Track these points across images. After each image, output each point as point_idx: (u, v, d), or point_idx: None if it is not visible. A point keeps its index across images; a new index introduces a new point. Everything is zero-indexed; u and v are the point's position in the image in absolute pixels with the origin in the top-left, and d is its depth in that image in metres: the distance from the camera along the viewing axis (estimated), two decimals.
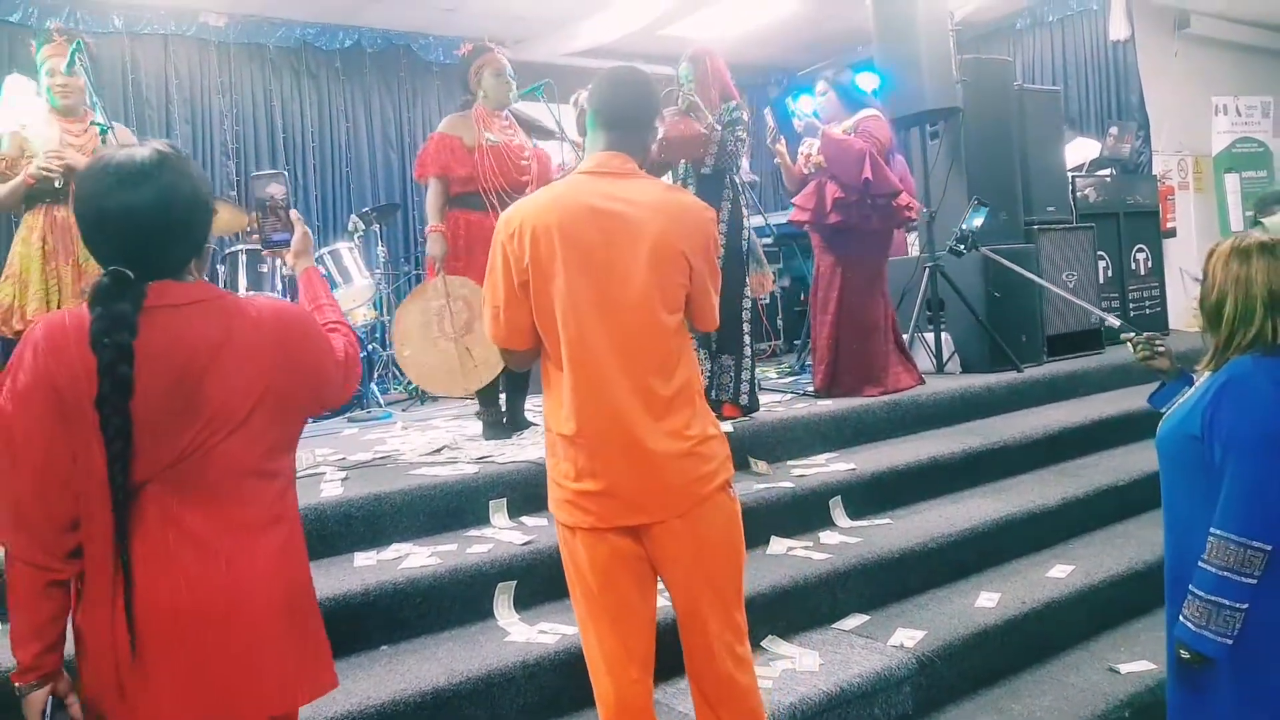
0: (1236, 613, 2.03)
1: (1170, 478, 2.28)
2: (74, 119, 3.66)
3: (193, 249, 1.61)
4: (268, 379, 1.60)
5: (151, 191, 1.53)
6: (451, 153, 4.07)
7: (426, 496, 3.31)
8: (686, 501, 2.04)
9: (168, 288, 1.55)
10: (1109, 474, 4.21)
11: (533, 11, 7.86)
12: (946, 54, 5.41)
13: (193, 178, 1.60)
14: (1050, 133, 6.57)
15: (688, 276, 2.08)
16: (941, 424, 4.66)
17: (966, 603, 3.28)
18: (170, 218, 1.55)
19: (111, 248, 1.54)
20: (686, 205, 2.15)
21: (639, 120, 2.18)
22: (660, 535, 2.05)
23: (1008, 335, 5.45)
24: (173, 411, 1.52)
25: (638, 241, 2.03)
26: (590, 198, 2.06)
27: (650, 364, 2.04)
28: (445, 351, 4.00)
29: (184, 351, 1.53)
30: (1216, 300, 2.15)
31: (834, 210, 4.80)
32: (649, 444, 2.01)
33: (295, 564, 1.69)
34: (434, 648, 2.72)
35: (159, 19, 7.27)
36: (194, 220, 1.59)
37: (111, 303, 1.48)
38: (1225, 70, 9.35)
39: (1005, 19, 9.11)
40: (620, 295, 2.02)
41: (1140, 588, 3.55)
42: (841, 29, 8.60)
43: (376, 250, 6.99)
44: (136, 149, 1.57)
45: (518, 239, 2.05)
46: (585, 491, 2.04)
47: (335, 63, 8.07)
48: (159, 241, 1.55)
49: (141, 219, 1.53)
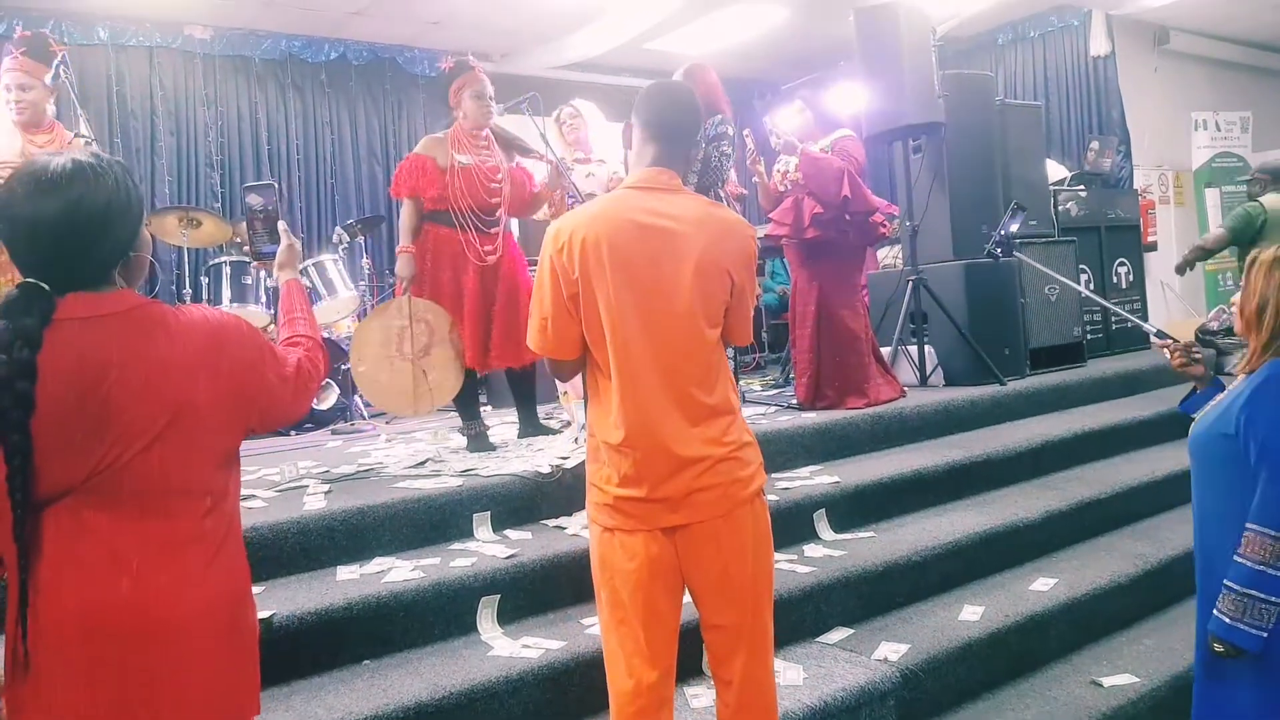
0: (1272, 606, 2.09)
1: (1202, 475, 2.34)
2: (38, 129, 3.64)
3: (108, 260, 1.56)
4: (186, 393, 1.54)
5: (59, 201, 1.49)
6: (423, 173, 4.10)
7: (410, 509, 3.29)
8: (727, 503, 2.07)
9: (81, 299, 1.51)
10: (1092, 487, 4.23)
11: (519, 25, 7.89)
12: (929, 69, 5.45)
13: (109, 188, 1.54)
14: (1032, 147, 6.62)
15: (729, 291, 2.12)
16: (925, 437, 4.67)
17: (950, 616, 3.28)
18: (79, 228, 1.51)
19: (25, 258, 1.52)
20: (729, 222, 2.18)
21: (684, 135, 2.21)
22: (699, 536, 2.07)
23: (990, 348, 5.47)
24: (82, 426, 1.48)
25: (683, 257, 2.06)
26: (637, 214, 2.09)
27: (693, 375, 2.08)
28: (400, 371, 4.01)
29: (92, 365, 1.49)
30: (1259, 305, 2.23)
31: (812, 225, 4.84)
32: (691, 450, 2.05)
33: (222, 584, 1.61)
34: (417, 662, 2.71)
35: (144, 31, 7.27)
36: (107, 231, 1.54)
37: (16, 317, 1.45)
38: (1205, 86, 9.46)
39: (987, 34, 9.20)
40: (665, 309, 2.05)
41: (1123, 600, 3.57)
42: (825, 44, 8.66)
43: (361, 262, 6.99)
44: (55, 158, 1.54)
45: (567, 253, 2.07)
46: (628, 498, 2.07)
47: (320, 75, 8.07)
48: (68, 252, 1.51)
49: (49, 229, 1.49)
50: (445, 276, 4.13)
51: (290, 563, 3.04)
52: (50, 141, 3.65)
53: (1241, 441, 2.17)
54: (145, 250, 1.66)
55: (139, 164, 7.26)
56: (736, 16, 8.03)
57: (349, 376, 6.13)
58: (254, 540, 3.00)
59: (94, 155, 1.57)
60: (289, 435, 5.71)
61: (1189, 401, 2.55)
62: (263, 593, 2.85)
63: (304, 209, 7.98)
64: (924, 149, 5.90)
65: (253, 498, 3.47)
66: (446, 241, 4.12)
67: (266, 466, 4.17)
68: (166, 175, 7.38)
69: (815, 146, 4.92)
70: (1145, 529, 4.11)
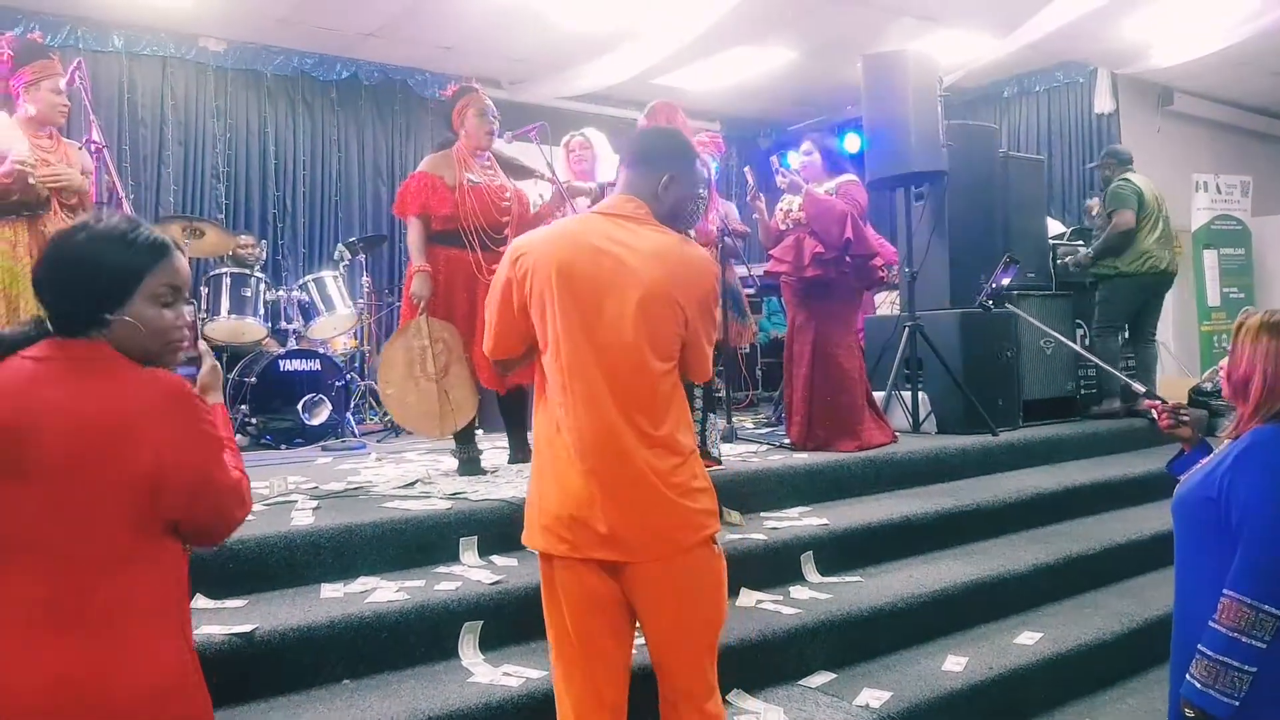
0: (1244, 675, 2.06)
1: (1184, 539, 2.33)
2: (41, 134, 3.65)
3: (76, 310, 1.56)
4: (122, 456, 1.49)
5: (51, 245, 1.63)
6: (433, 191, 4.09)
7: (397, 530, 3.28)
8: (667, 547, 2.03)
9: (53, 341, 1.56)
10: (1080, 542, 4.22)
11: (530, 54, 7.96)
12: (934, 118, 5.50)
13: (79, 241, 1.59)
14: (1033, 201, 6.66)
15: (683, 326, 2.11)
16: (915, 483, 4.67)
17: (933, 665, 3.26)
18: (55, 271, 1.59)
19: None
20: (688, 257, 2.16)
21: (653, 163, 2.21)
22: (637, 578, 2.04)
23: (984, 398, 5.49)
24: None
25: (630, 286, 2.06)
26: (595, 238, 2.11)
27: (639, 404, 2.06)
28: (425, 392, 4.01)
29: (15, 401, 1.49)
30: (1245, 373, 2.22)
31: (812, 265, 4.86)
32: (636, 469, 2.02)
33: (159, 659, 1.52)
34: (397, 685, 2.69)
35: (158, 41, 7.33)
36: (75, 283, 1.57)
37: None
38: (1206, 148, 9.57)
39: (993, 86, 9.30)
40: (610, 336, 2.06)
41: (1108, 659, 3.55)
42: (831, 87, 8.75)
43: (360, 280, 6.99)
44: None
45: (520, 266, 2.13)
46: (566, 517, 2.04)
47: (331, 93, 8.13)
48: (47, 293, 1.59)
49: (43, 268, 1.61)
50: (459, 297, 4.13)
51: (275, 577, 3.03)
52: (55, 147, 3.66)
53: (1223, 506, 2.16)
54: (144, 324, 1.58)
55: (146, 171, 7.30)
56: (746, 56, 8.12)
57: (341, 393, 6.13)
58: (240, 554, 2.99)
59: (95, 217, 1.64)
60: (279, 449, 5.70)
61: (1177, 463, 2.54)
62: (246, 607, 2.84)
63: (307, 224, 8.02)
64: (926, 197, 5.94)
65: None
66: (457, 262, 4.12)
67: (256, 480, 4.14)
68: (172, 184, 7.41)
69: (820, 188, 4.96)
70: (1132, 588, 4.10)
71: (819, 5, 7.00)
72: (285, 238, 7.88)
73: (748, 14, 6.80)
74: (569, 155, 5.22)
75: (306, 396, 5.91)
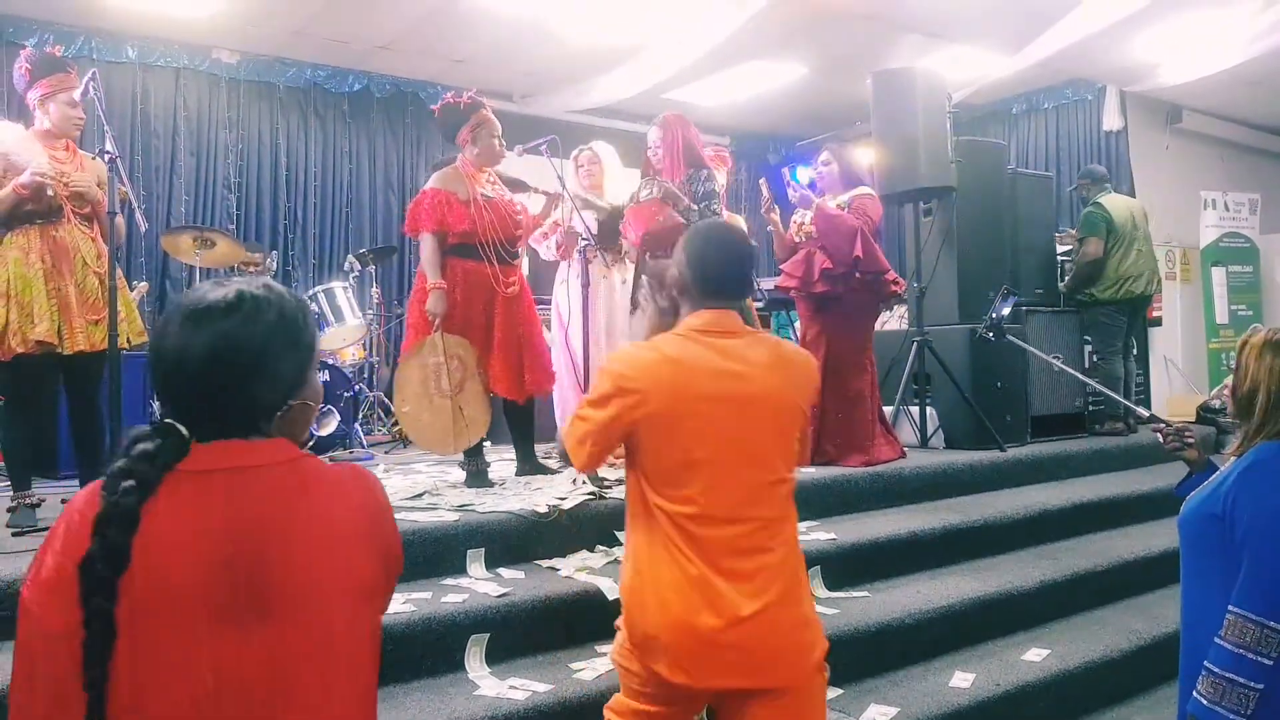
0: (1251, 692, 2.06)
1: (1190, 557, 2.34)
2: (57, 145, 3.67)
3: (261, 405, 1.30)
4: (351, 565, 1.28)
5: (208, 335, 1.26)
6: (449, 207, 4.09)
7: (404, 541, 3.22)
8: (798, 672, 2.00)
9: (230, 448, 1.26)
10: (1088, 558, 4.21)
11: (541, 67, 8.00)
12: (943, 134, 5.52)
13: (268, 324, 1.30)
14: (1041, 217, 6.68)
15: (801, 428, 2.15)
16: (923, 499, 4.66)
17: (941, 681, 3.25)
18: (227, 367, 1.27)
19: (170, 396, 1.29)
20: (794, 359, 2.18)
21: (744, 281, 2.22)
22: (756, 710, 1.97)
23: (993, 413, 5.48)
24: (230, 601, 1.18)
25: (759, 403, 2.06)
26: (708, 359, 2.06)
27: (762, 522, 2.03)
28: (440, 409, 4.02)
29: (245, 524, 1.21)
30: (1249, 390, 2.23)
31: (821, 280, 4.85)
32: (761, 603, 1.96)
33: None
34: (402, 697, 2.69)
35: (172, 52, 7.38)
36: (261, 373, 1.29)
37: (132, 458, 1.19)
38: (1215, 166, 9.56)
39: (1002, 103, 9.31)
40: (741, 457, 2.03)
41: (1116, 676, 3.53)
42: (841, 103, 8.77)
43: (370, 291, 7.02)
44: (224, 286, 1.31)
45: (632, 395, 2.03)
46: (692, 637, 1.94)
47: (343, 105, 8.18)
48: (215, 393, 1.27)
49: (196, 365, 1.26)
50: (477, 310, 4.14)
51: None
52: (70, 159, 3.69)
53: (1228, 523, 2.16)
54: (314, 399, 1.39)
55: (157, 182, 7.34)
56: (756, 71, 8.15)
57: (350, 404, 6.15)
58: None
59: (265, 285, 1.34)
60: None
61: (1183, 485, 2.54)
62: None
63: (317, 235, 8.05)
64: (935, 212, 5.95)
65: None
66: (475, 275, 4.14)
67: None
68: (184, 194, 7.45)
69: (834, 202, 4.95)
70: (1140, 604, 4.08)
71: (829, 22, 7.02)
72: (295, 248, 7.91)
73: (759, 30, 6.83)
74: (578, 169, 5.23)
75: None
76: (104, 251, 3.62)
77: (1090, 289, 6.30)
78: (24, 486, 3.56)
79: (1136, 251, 6.28)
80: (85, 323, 3.56)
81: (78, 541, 1.15)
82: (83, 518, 1.17)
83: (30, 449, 3.70)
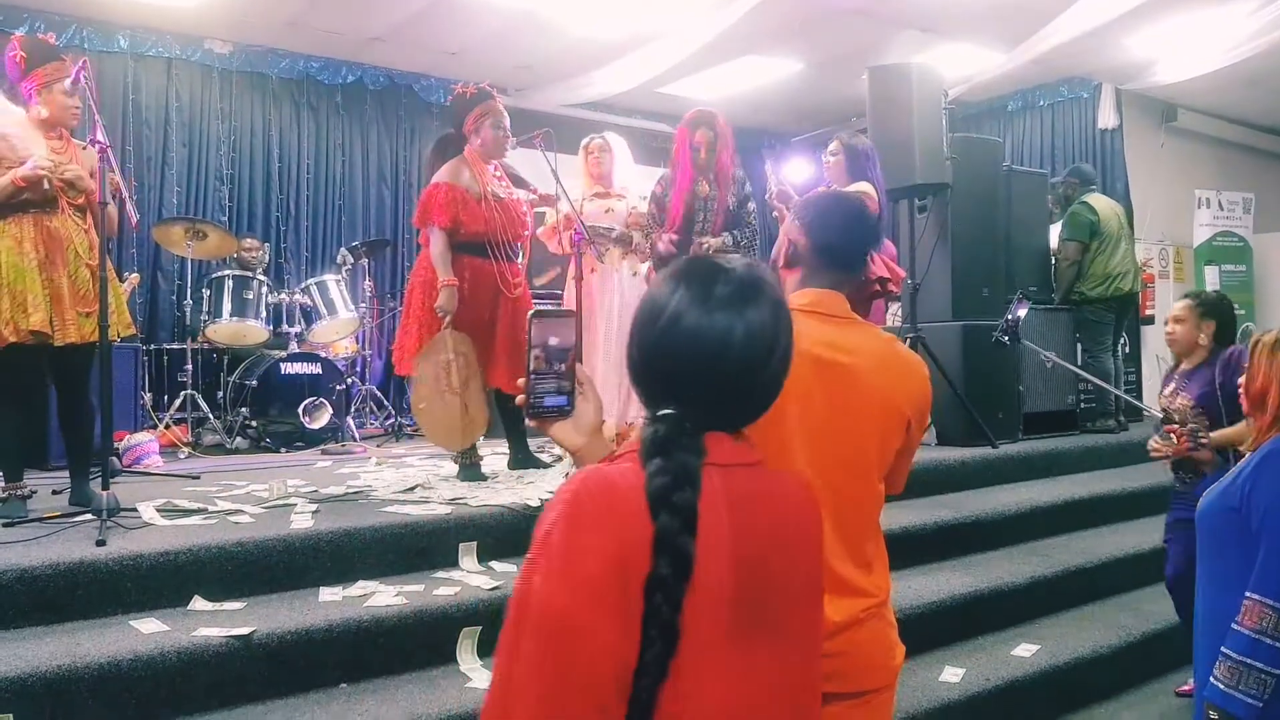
0: (1268, 676, 2.10)
1: (1207, 547, 2.38)
2: (52, 135, 3.65)
3: (766, 395, 1.21)
4: (817, 569, 1.23)
5: (757, 317, 1.16)
6: (464, 205, 4.04)
7: (396, 535, 3.28)
8: (887, 674, 1.81)
9: (723, 442, 1.15)
10: (1079, 555, 4.22)
11: (536, 61, 7.98)
12: (938, 131, 5.51)
13: (774, 305, 1.20)
14: (1036, 214, 6.69)
15: (903, 440, 1.85)
16: (914, 495, 4.64)
17: (931, 676, 3.26)
18: (766, 354, 1.18)
19: (673, 381, 1.16)
20: (909, 362, 1.90)
21: (863, 255, 1.97)
22: (841, 711, 1.68)
23: (985, 410, 5.49)
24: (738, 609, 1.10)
25: (863, 398, 1.77)
26: (812, 345, 1.70)
27: (855, 528, 1.81)
28: (450, 405, 4.03)
29: (748, 525, 1.12)
30: (1261, 386, 2.33)
31: None
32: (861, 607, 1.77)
33: None
34: (394, 689, 2.69)
35: (164, 42, 7.33)
36: (770, 362, 1.19)
37: (672, 452, 1.09)
38: (1210, 164, 9.58)
39: (997, 100, 9.31)
40: (836, 456, 1.75)
41: (1105, 671, 3.55)
42: (837, 99, 8.76)
43: (362, 284, 7.00)
44: (729, 261, 1.21)
45: None
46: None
47: (336, 97, 8.14)
48: (731, 382, 1.16)
49: (738, 352, 1.15)
50: (483, 307, 4.14)
51: (273, 580, 3.03)
52: (65, 148, 3.67)
53: (1244, 514, 2.22)
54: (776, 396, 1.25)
55: (149, 173, 7.30)
56: (751, 66, 8.14)
57: (342, 397, 6.14)
58: (239, 556, 2.99)
59: (748, 265, 1.22)
60: (279, 452, 5.70)
61: (1199, 487, 2.60)
62: (244, 609, 2.84)
63: (310, 228, 8.01)
64: (929, 208, 5.95)
65: (240, 513, 3.46)
66: (482, 272, 4.13)
67: (255, 483, 4.16)
68: (176, 186, 7.41)
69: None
70: (1129, 601, 4.10)
71: (825, 17, 7.02)
72: (288, 241, 7.88)
73: (755, 25, 6.81)
74: (587, 157, 5.16)
75: (307, 400, 5.91)
76: (96, 243, 3.61)
77: (1081, 286, 6.35)
78: (16, 478, 3.55)
79: (1123, 251, 6.36)
80: (77, 314, 3.54)
81: (623, 530, 1.06)
82: (611, 508, 1.08)
83: (21, 440, 3.68)
